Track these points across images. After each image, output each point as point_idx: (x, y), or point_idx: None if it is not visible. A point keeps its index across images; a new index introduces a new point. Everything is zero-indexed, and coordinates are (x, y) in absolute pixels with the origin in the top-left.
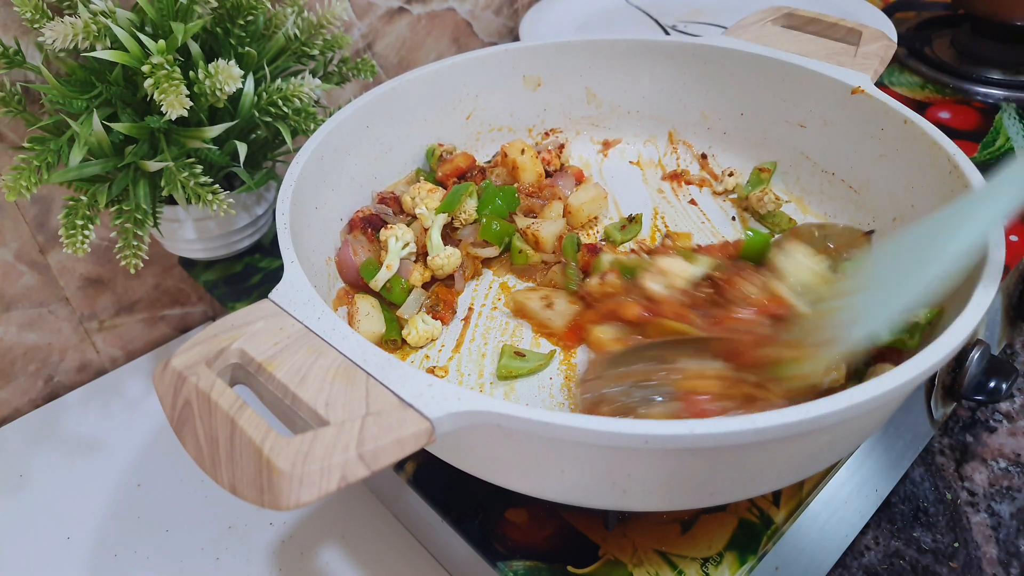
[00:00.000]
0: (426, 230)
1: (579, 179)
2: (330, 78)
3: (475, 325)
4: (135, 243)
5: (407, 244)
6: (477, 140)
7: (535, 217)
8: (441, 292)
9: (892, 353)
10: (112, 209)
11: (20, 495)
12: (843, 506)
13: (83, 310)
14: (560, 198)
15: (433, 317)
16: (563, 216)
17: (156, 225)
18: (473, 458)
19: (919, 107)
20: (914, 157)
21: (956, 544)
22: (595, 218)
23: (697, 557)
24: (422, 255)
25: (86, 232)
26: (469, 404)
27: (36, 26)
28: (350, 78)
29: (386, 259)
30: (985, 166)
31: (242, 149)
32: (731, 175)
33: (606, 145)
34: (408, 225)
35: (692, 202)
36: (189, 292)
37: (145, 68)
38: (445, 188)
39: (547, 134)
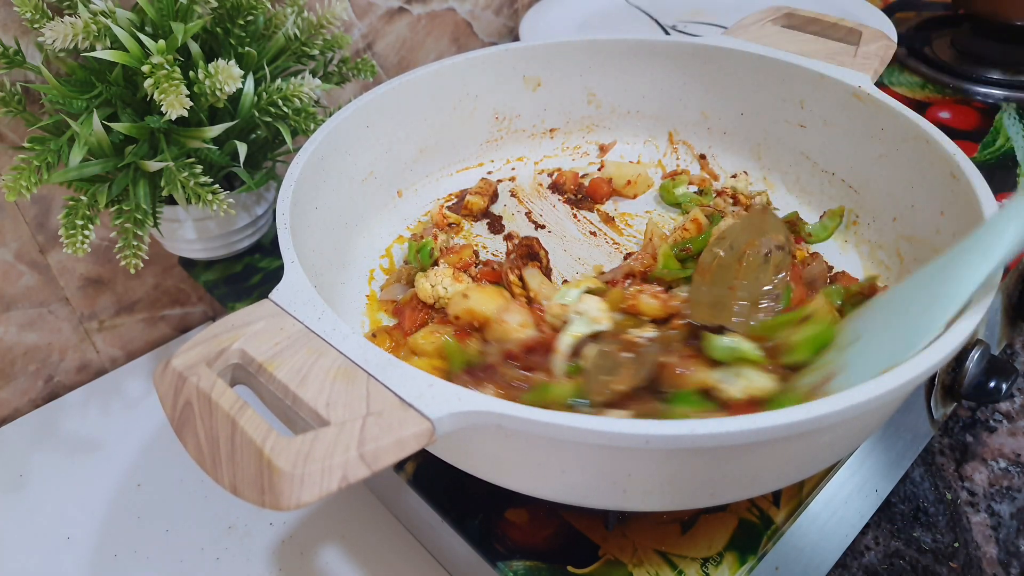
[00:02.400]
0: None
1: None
2: (330, 78)
3: None
4: (135, 243)
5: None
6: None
7: None
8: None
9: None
10: (112, 209)
11: (20, 495)
12: (843, 506)
13: (83, 310)
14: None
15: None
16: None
17: (156, 225)
18: (473, 458)
19: (919, 107)
20: (914, 157)
21: (956, 544)
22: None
23: (697, 557)
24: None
25: (86, 232)
26: (470, 404)
27: (36, 26)
28: (350, 78)
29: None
30: (985, 166)
31: (242, 149)
32: (733, 176)
33: (602, 150)
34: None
35: None
36: (189, 292)
37: (145, 68)
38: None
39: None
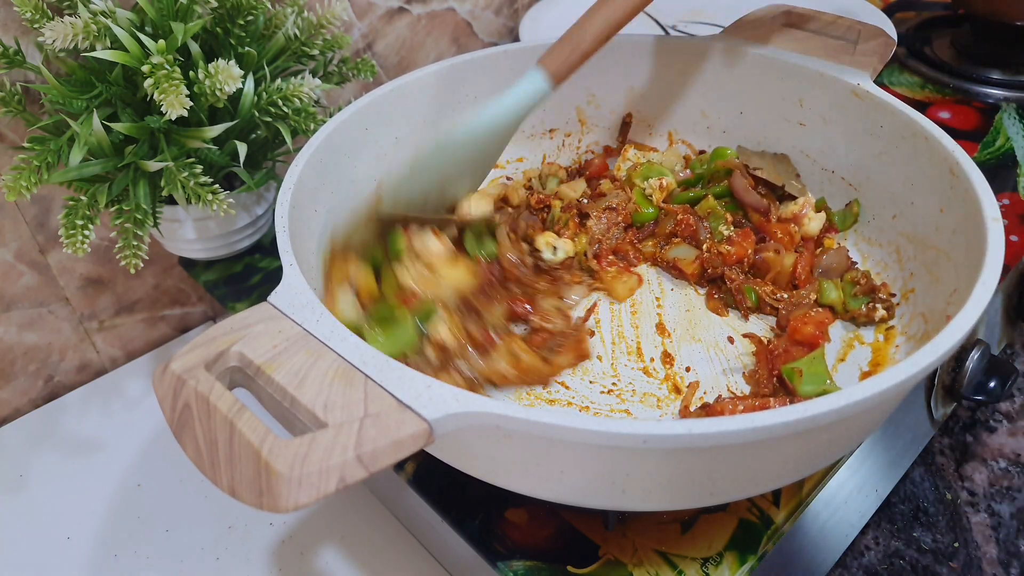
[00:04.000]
0: None
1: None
2: (330, 78)
3: None
4: (135, 243)
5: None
6: None
7: None
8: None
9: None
10: (112, 209)
11: (20, 495)
12: (843, 506)
13: (83, 310)
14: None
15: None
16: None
17: (156, 225)
18: (472, 459)
19: (919, 107)
20: (913, 154)
21: (956, 544)
22: None
23: (697, 557)
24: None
25: (86, 232)
26: (467, 405)
27: (36, 26)
28: (350, 78)
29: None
30: (985, 166)
31: (242, 149)
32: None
33: (608, 152)
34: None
35: None
36: (189, 292)
37: (145, 68)
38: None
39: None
